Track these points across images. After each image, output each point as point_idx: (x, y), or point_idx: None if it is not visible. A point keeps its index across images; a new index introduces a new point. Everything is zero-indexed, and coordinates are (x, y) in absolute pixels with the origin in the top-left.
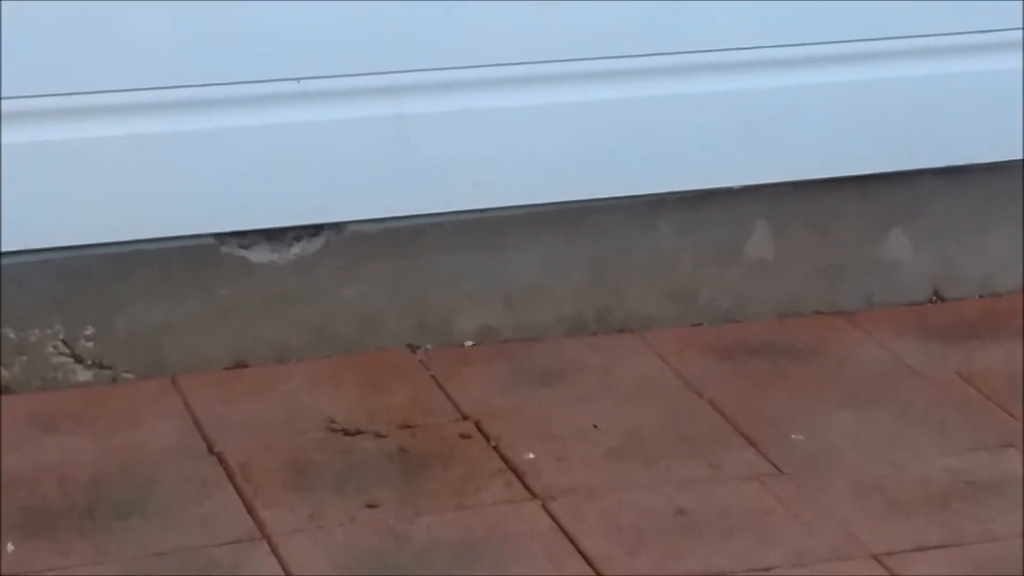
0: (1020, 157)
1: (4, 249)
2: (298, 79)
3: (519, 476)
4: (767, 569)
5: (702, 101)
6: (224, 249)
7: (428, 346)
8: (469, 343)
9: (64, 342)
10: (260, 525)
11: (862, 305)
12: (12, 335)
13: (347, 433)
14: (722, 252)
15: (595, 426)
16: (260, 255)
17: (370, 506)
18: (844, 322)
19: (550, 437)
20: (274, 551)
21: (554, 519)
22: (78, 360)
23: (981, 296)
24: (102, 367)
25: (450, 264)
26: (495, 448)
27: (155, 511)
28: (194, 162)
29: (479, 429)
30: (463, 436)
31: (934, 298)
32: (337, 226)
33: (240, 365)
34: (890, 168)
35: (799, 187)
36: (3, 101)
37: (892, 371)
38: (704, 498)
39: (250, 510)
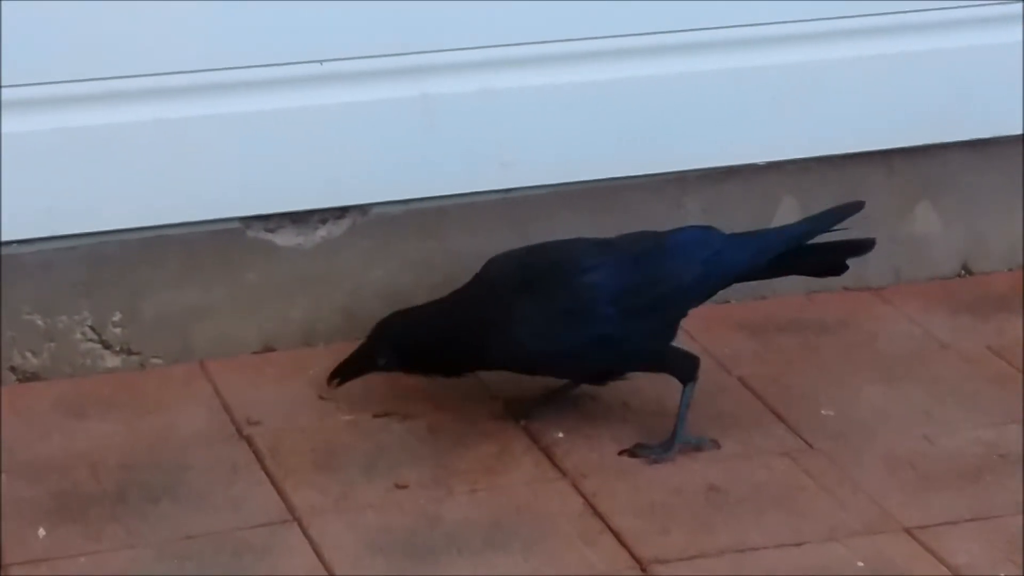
0: None
1: (31, 236)
2: (322, 61)
3: (549, 455)
4: (799, 544)
5: (726, 77)
6: (250, 233)
7: None
8: None
9: (92, 328)
10: (291, 507)
11: (890, 280)
12: (40, 322)
13: (376, 415)
14: (749, 229)
15: (624, 404)
16: (286, 238)
17: (400, 486)
18: (873, 297)
19: (579, 416)
20: (305, 533)
21: (585, 497)
22: (106, 346)
23: (1010, 269)
24: (130, 353)
25: (476, 244)
26: (524, 428)
27: (186, 495)
28: (218, 146)
29: (508, 409)
30: (492, 416)
31: (963, 272)
32: (362, 208)
33: (268, 349)
34: (917, 142)
35: (825, 162)
36: (28, 88)
37: (922, 345)
38: (735, 475)
39: (280, 492)
